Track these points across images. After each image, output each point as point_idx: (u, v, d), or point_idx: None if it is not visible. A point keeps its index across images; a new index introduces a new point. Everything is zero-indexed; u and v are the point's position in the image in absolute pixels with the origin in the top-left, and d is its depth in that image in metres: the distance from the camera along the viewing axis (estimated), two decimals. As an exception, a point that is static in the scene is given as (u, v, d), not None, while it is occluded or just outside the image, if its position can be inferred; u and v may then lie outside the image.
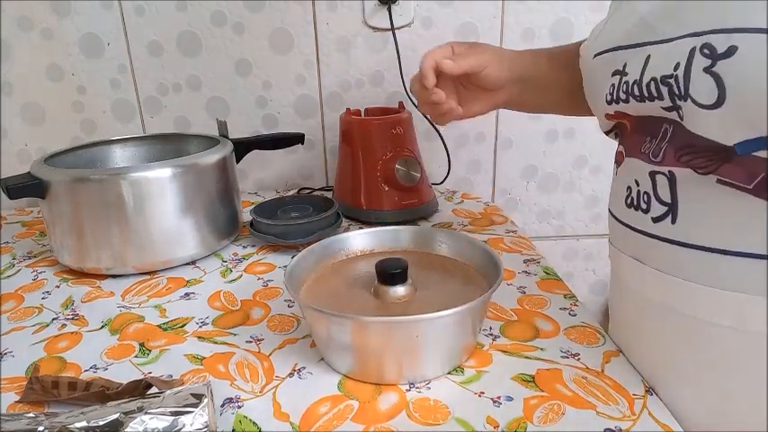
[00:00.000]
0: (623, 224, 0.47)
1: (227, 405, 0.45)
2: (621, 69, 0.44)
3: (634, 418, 0.43)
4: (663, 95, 0.40)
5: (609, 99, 0.47)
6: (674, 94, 0.39)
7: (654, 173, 0.42)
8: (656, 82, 0.40)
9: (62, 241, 0.70)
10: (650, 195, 0.43)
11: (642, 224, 0.44)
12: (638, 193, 0.44)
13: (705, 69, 0.35)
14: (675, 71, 0.38)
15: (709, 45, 0.35)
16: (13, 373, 0.51)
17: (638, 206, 0.44)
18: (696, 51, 0.36)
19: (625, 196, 0.46)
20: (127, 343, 0.55)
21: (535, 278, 0.66)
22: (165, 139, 0.87)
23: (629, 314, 0.50)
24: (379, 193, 0.83)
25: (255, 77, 1.01)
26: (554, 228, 1.18)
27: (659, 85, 0.40)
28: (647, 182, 0.43)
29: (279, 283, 0.66)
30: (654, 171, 0.42)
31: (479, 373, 0.49)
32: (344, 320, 0.46)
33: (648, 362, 0.48)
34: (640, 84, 0.42)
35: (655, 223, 0.42)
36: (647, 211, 0.43)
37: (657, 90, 0.40)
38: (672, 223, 0.41)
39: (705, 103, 0.36)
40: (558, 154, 1.11)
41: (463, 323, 0.48)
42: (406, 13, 0.98)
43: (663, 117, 0.41)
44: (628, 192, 0.46)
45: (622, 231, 0.47)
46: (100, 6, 0.95)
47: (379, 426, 0.43)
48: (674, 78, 0.38)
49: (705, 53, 0.36)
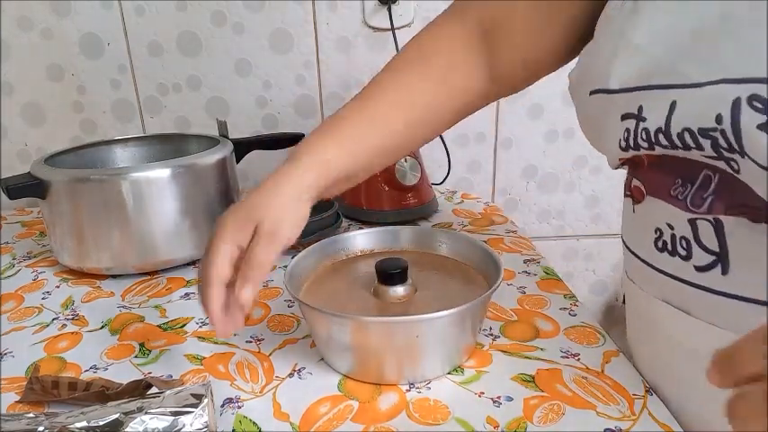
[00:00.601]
0: (654, 268, 0.42)
1: (227, 405, 0.45)
2: (637, 114, 0.39)
3: (634, 418, 0.43)
4: (704, 147, 0.35)
5: (624, 146, 0.41)
6: (720, 146, 0.34)
7: (694, 219, 0.38)
8: (693, 134, 0.35)
9: (62, 241, 0.70)
10: (690, 241, 0.38)
11: (682, 272, 0.39)
12: (673, 237, 0.39)
13: (761, 126, 0.31)
14: (719, 125, 0.33)
15: (759, 97, 0.31)
16: (13, 373, 0.51)
17: (673, 251, 0.40)
18: (743, 103, 0.32)
19: (654, 239, 0.41)
20: (127, 343, 0.55)
21: (535, 278, 0.66)
22: (165, 139, 0.87)
23: (665, 358, 0.46)
24: (379, 193, 0.83)
25: (255, 77, 1.01)
26: (554, 228, 1.18)
27: (698, 137, 0.35)
28: (685, 227, 0.38)
29: (279, 283, 0.66)
30: (694, 218, 0.37)
31: (479, 373, 0.49)
32: (344, 320, 0.46)
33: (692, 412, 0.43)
34: (668, 133, 0.37)
35: (700, 272, 0.38)
36: (687, 258, 0.39)
37: (696, 142, 0.35)
38: (723, 274, 0.36)
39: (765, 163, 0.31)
40: (558, 154, 1.11)
41: (463, 323, 0.48)
42: (406, 13, 0.98)
43: (703, 163, 0.36)
44: (657, 234, 0.41)
45: (651, 274, 0.43)
46: (100, 6, 0.95)
47: (379, 426, 0.43)
48: (721, 133, 0.33)
49: (756, 107, 0.31)
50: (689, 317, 0.40)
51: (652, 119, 0.38)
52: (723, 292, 0.37)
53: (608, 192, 1.14)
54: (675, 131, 0.36)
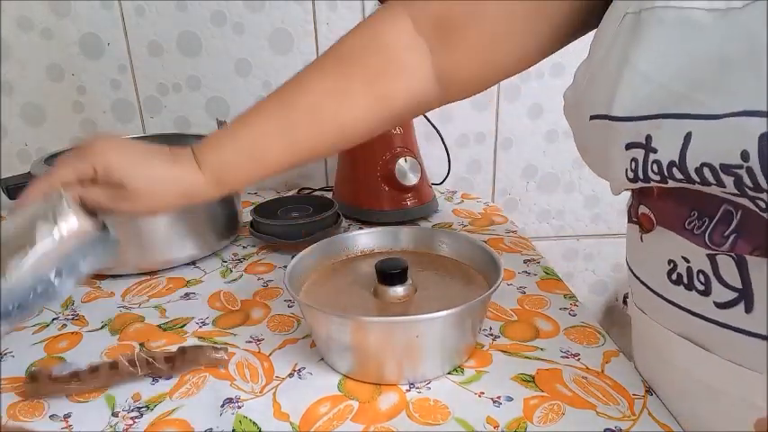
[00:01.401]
0: (666, 300, 0.40)
1: (227, 405, 0.45)
2: (645, 144, 0.36)
3: (634, 418, 0.43)
4: (725, 184, 0.32)
5: (632, 177, 0.38)
6: (744, 185, 0.31)
7: (713, 255, 0.35)
8: (715, 170, 0.32)
9: (62, 241, 0.70)
10: (709, 276, 0.36)
11: (700, 307, 0.37)
12: (689, 270, 0.37)
13: None
14: (746, 162, 0.30)
15: None
16: (13, 373, 0.51)
17: (690, 285, 0.37)
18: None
19: (666, 270, 0.39)
20: (127, 343, 0.55)
21: (535, 278, 0.66)
22: (165, 140, 0.86)
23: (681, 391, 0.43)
24: (379, 193, 0.83)
25: (255, 77, 1.01)
26: (554, 228, 1.18)
27: (719, 174, 0.32)
28: (704, 262, 0.36)
29: (279, 283, 0.66)
30: (713, 254, 0.35)
31: (479, 373, 0.49)
32: (344, 320, 0.46)
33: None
34: (683, 167, 0.34)
35: (720, 309, 0.36)
36: (705, 294, 0.36)
37: (717, 178, 0.32)
38: (746, 312, 0.34)
39: None
40: (558, 154, 1.11)
41: (463, 323, 0.48)
42: (406, 13, 0.98)
43: (723, 198, 0.34)
44: (671, 266, 0.39)
45: (663, 306, 0.41)
46: (100, 6, 0.95)
47: (379, 426, 0.43)
48: (747, 171, 0.31)
49: None
50: (709, 354, 0.38)
51: (664, 151, 0.35)
52: (747, 330, 0.35)
53: (608, 192, 1.12)
54: (693, 166, 0.33)
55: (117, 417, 0.45)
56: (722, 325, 0.36)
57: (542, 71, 1.03)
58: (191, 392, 0.47)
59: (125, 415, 0.45)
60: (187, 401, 0.46)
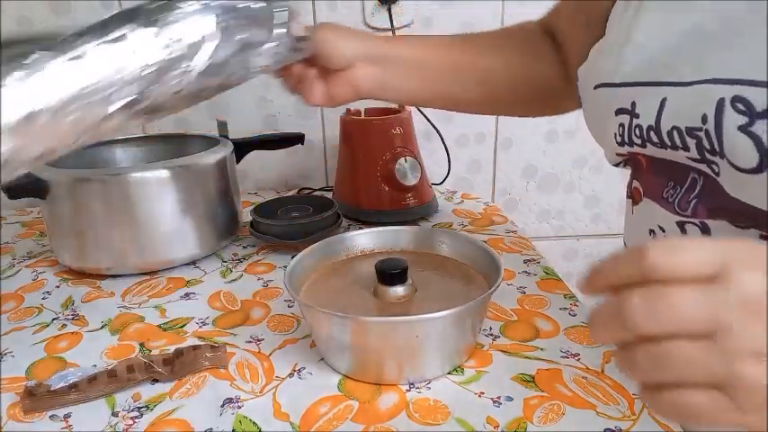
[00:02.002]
0: None
1: (227, 405, 0.45)
2: (630, 110, 0.40)
3: (634, 418, 0.43)
4: (689, 147, 0.35)
5: (619, 141, 0.42)
6: (703, 148, 0.34)
7: (682, 222, 0.38)
8: (681, 133, 0.35)
9: (62, 241, 0.70)
10: None
11: None
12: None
13: (741, 128, 0.31)
14: (704, 124, 0.33)
15: (742, 99, 0.31)
16: (13, 373, 0.51)
17: None
18: (726, 104, 0.32)
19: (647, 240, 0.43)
20: (127, 343, 0.55)
21: (535, 278, 0.66)
22: (165, 139, 0.87)
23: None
24: (379, 193, 0.83)
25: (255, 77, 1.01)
26: (554, 228, 1.18)
27: (685, 136, 0.35)
28: (675, 230, 0.39)
29: (279, 283, 0.66)
30: (682, 221, 0.38)
31: (479, 373, 0.49)
32: (344, 320, 0.46)
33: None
34: (658, 131, 0.37)
35: None
36: None
37: (683, 141, 0.36)
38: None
39: (744, 166, 0.32)
40: (558, 154, 1.10)
41: (463, 323, 0.48)
42: (406, 13, 0.98)
43: (690, 166, 0.37)
44: (651, 235, 0.42)
45: None
46: (100, 6, 0.95)
47: (379, 426, 0.43)
48: (705, 133, 0.33)
49: (739, 108, 0.31)
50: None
51: (644, 116, 0.38)
52: None
53: (608, 192, 1.14)
54: (665, 129, 0.37)
55: (117, 417, 0.45)
56: None
57: (542, 71, 1.03)
58: (191, 392, 0.47)
59: (125, 415, 0.45)
60: (187, 401, 0.46)
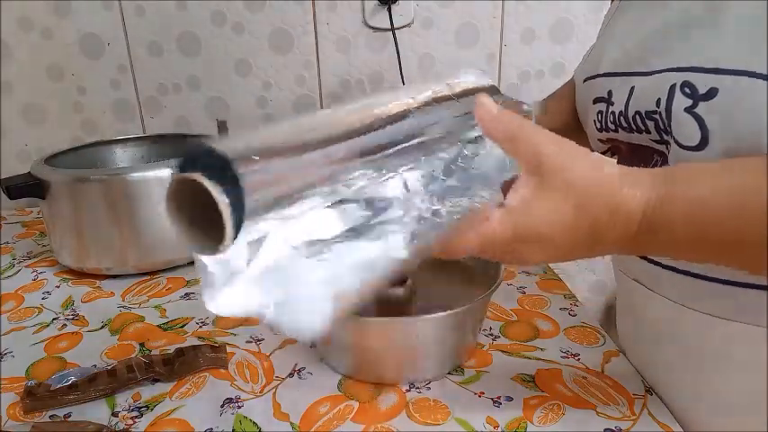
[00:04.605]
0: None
1: (227, 405, 0.45)
2: (607, 98, 0.43)
3: (634, 418, 0.43)
4: (650, 129, 0.39)
5: (598, 127, 0.45)
6: (660, 129, 0.37)
7: None
8: (642, 116, 0.39)
9: (62, 241, 0.70)
10: None
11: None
12: None
13: (687, 109, 0.34)
14: (658, 107, 0.37)
15: (689, 84, 0.34)
16: (13, 373, 0.51)
17: None
18: (676, 89, 0.35)
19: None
20: (127, 343, 0.55)
21: (535, 278, 0.66)
22: (165, 140, 0.87)
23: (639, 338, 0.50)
24: (379, 193, 0.83)
25: (255, 77, 1.01)
26: (554, 228, 1.17)
27: (645, 119, 0.39)
28: None
29: (279, 284, 0.66)
30: None
31: (479, 373, 0.49)
32: (344, 320, 0.46)
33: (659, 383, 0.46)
34: (626, 116, 0.41)
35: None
36: None
37: (644, 124, 0.39)
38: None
39: (687, 144, 0.35)
40: (558, 154, 1.10)
41: (463, 324, 0.48)
42: (406, 13, 0.98)
43: (654, 148, 0.40)
44: None
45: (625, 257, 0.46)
46: (100, 6, 0.95)
47: (379, 426, 0.43)
48: (659, 115, 0.37)
49: (686, 92, 0.34)
50: (654, 294, 0.44)
51: (617, 103, 0.42)
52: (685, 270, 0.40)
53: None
54: (631, 114, 0.40)
55: (117, 417, 0.45)
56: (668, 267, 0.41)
57: (542, 71, 1.03)
58: (191, 392, 0.47)
59: (125, 415, 0.45)
60: (187, 401, 0.46)
